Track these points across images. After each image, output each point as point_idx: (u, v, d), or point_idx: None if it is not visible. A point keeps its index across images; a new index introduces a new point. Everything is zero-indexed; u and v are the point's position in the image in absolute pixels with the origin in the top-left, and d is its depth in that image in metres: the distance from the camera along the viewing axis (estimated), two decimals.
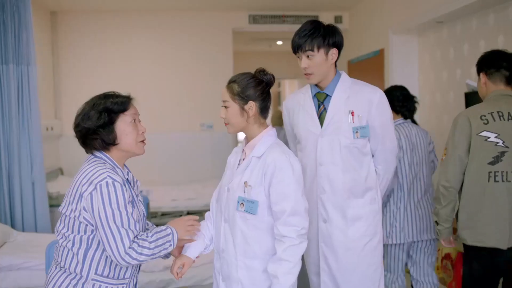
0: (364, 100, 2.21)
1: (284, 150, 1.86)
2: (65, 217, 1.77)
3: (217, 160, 6.34)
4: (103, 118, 1.76)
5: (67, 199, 1.77)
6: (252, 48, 8.45)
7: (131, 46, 6.18)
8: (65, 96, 6.08)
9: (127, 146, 1.81)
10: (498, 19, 3.45)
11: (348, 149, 2.19)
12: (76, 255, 1.74)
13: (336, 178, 2.20)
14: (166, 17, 6.22)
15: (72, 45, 6.07)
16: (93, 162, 1.77)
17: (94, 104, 1.79)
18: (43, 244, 3.32)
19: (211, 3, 5.88)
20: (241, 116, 1.87)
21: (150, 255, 1.73)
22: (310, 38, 2.14)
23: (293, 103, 2.37)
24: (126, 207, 1.70)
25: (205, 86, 6.31)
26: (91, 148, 1.81)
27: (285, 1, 5.79)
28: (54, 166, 5.73)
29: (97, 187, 1.68)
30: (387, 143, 2.27)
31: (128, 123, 1.81)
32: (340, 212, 2.21)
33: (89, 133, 1.77)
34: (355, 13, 6.08)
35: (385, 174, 2.32)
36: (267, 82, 1.89)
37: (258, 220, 1.84)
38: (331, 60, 2.19)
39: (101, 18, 6.10)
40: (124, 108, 1.80)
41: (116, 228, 1.67)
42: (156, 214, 5.19)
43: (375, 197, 2.26)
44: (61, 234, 1.78)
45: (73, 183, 1.76)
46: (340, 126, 2.19)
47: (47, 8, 5.84)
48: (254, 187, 1.83)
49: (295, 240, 1.78)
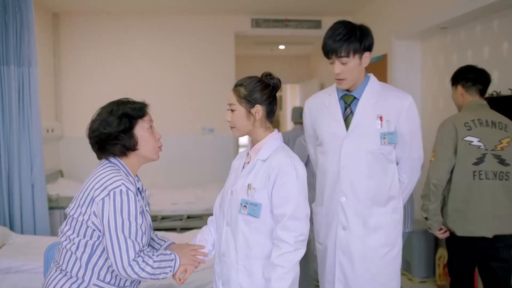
0: (394, 105, 2.13)
1: (289, 154, 1.84)
2: (72, 219, 1.74)
3: (217, 164, 6.32)
4: (123, 124, 1.76)
5: (76, 202, 1.75)
6: (254, 52, 8.45)
7: (132, 49, 6.17)
8: (66, 98, 6.06)
9: (146, 152, 1.81)
10: (502, 25, 3.43)
11: (374, 155, 2.11)
12: (79, 259, 1.72)
13: (359, 184, 2.12)
14: (168, 20, 6.21)
15: (73, 47, 6.05)
16: (108, 168, 1.76)
17: (112, 110, 1.78)
18: (42, 247, 3.30)
19: (214, 6, 5.87)
20: (248, 119, 1.86)
21: (151, 274, 1.71)
22: (346, 43, 2.04)
23: (317, 103, 2.30)
24: (136, 218, 1.69)
25: (207, 89, 6.30)
26: (108, 154, 1.79)
27: (288, 5, 5.78)
28: (54, 168, 5.70)
29: (111, 194, 1.66)
30: (414, 151, 2.20)
31: (145, 129, 1.81)
32: (361, 220, 2.13)
33: (110, 138, 1.75)
34: (358, 18, 6.07)
35: (409, 183, 2.25)
36: (273, 86, 1.88)
37: (261, 224, 1.81)
38: (364, 64, 2.12)
39: (103, 20, 6.09)
40: (142, 114, 1.81)
41: (124, 238, 1.65)
42: (156, 218, 5.16)
43: (398, 207, 2.19)
44: (66, 236, 1.75)
45: (85, 186, 1.74)
46: (367, 130, 2.12)
47: (49, 9, 5.83)
48: (258, 189, 1.81)
49: (291, 247, 1.75)
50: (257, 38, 6.95)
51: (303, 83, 9.26)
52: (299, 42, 7.44)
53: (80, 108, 6.06)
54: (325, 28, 6.16)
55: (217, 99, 6.32)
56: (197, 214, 5.28)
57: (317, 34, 6.39)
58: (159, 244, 2.02)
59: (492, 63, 3.52)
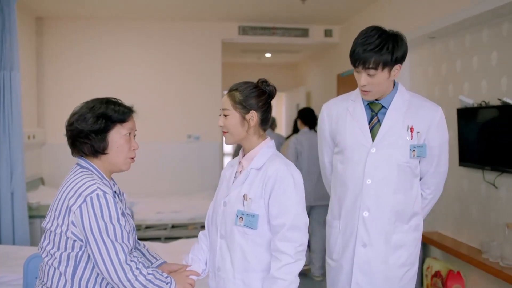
0: (425, 116, 2.01)
1: (285, 161, 1.79)
2: (50, 232, 1.65)
3: (203, 173, 6.23)
4: (99, 124, 1.66)
5: (51, 213, 1.65)
6: (241, 60, 8.41)
7: (118, 55, 6.08)
8: (49, 104, 5.93)
9: (115, 159, 1.72)
10: (491, 35, 3.44)
11: (401, 168, 1.99)
12: (63, 274, 1.62)
13: (385, 199, 1.99)
14: (155, 27, 6.13)
15: (57, 52, 5.94)
16: (80, 173, 1.66)
17: (93, 106, 1.69)
18: (22, 258, 3.17)
19: (201, 13, 5.82)
20: (242, 125, 1.79)
21: (144, 286, 1.59)
22: (377, 55, 1.89)
23: (338, 108, 2.15)
24: (119, 219, 1.61)
25: (193, 97, 6.23)
26: (79, 151, 1.71)
27: (276, 13, 5.76)
28: (35, 175, 5.56)
29: (87, 200, 1.57)
30: (442, 166, 2.09)
31: (122, 135, 1.71)
32: (383, 237, 1.99)
33: (81, 135, 1.67)
34: (345, 27, 6.07)
35: (432, 199, 2.14)
36: (269, 93, 1.83)
37: (258, 235, 1.75)
38: (393, 77, 1.98)
39: (88, 25, 5.99)
40: (123, 118, 1.71)
41: (111, 242, 1.57)
42: (140, 227, 5.04)
43: (419, 224, 2.08)
44: (46, 252, 1.65)
45: (58, 196, 1.65)
46: (395, 141, 1.99)
47: (33, 13, 5.71)
48: (254, 200, 1.74)
49: (292, 258, 1.69)
50: (244, 46, 6.91)
51: (290, 92, 9.24)
52: (286, 50, 7.43)
53: (63, 114, 5.84)
54: (312, 37, 6.31)
55: (203, 107, 6.25)
56: (182, 223, 5.17)
57: (304, 42, 6.39)
58: (150, 261, 1.93)
59: (481, 72, 3.53)
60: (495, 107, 3.26)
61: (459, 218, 3.77)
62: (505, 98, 3.17)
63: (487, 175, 3.37)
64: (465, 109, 3.54)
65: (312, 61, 7.98)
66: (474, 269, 3.51)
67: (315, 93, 7.66)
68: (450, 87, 3.90)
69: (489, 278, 3.37)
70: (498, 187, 3.30)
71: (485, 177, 3.38)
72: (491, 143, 3.27)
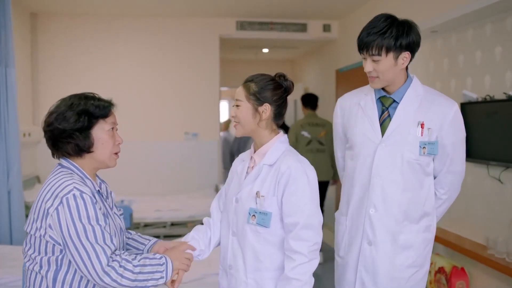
0: (438, 112, 1.93)
1: (299, 158, 1.74)
2: (30, 236, 1.58)
3: (202, 170, 6.18)
4: (81, 122, 1.58)
5: (31, 217, 1.58)
6: (238, 56, 8.34)
7: (115, 51, 6.00)
8: (44, 101, 5.83)
9: (100, 156, 1.64)
10: (495, 30, 3.40)
11: (410, 165, 1.92)
12: (45, 278, 1.55)
13: (392, 196, 1.93)
14: (151, 23, 6.06)
15: (52, 48, 5.85)
16: (59, 174, 1.59)
17: (72, 104, 1.60)
18: (20, 258, 3.10)
19: (198, 9, 5.75)
20: (253, 117, 1.76)
21: (134, 281, 1.53)
22: (380, 39, 1.85)
23: (350, 103, 2.11)
24: (98, 220, 1.52)
25: (191, 93, 6.16)
26: (62, 152, 1.62)
27: (274, 8, 5.70)
28: (30, 174, 5.48)
29: (63, 201, 1.49)
30: (456, 165, 2.00)
31: (106, 131, 1.64)
32: (390, 236, 1.94)
33: (63, 135, 1.58)
34: (344, 22, 6.02)
35: (447, 200, 2.06)
36: (285, 88, 1.79)
37: (270, 234, 1.71)
38: (401, 65, 1.91)
39: (83, 21, 5.91)
40: (105, 113, 1.64)
41: (90, 245, 1.48)
42: (138, 225, 4.98)
43: (431, 224, 2.01)
44: (28, 256, 1.59)
45: (37, 198, 1.57)
46: (405, 137, 1.93)
47: (27, 9, 5.62)
48: (267, 197, 1.70)
49: (305, 257, 1.65)
50: (241, 42, 6.85)
51: None
52: (283, 46, 7.37)
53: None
54: (311, 32, 6.27)
55: (201, 104, 6.18)
56: (181, 221, 5.11)
57: (302, 37, 6.34)
58: (143, 243, 1.85)
59: (484, 67, 3.49)
60: (500, 101, 3.22)
61: (463, 214, 3.74)
62: (511, 92, 3.13)
63: (491, 170, 3.33)
64: (469, 104, 3.50)
65: (310, 56, 7.93)
66: (478, 265, 3.48)
67: (313, 89, 7.60)
68: (452, 82, 3.86)
69: (494, 274, 3.34)
70: (503, 182, 3.26)
71: (490, 172, 3.35)
72: (496, 137, 3.23)
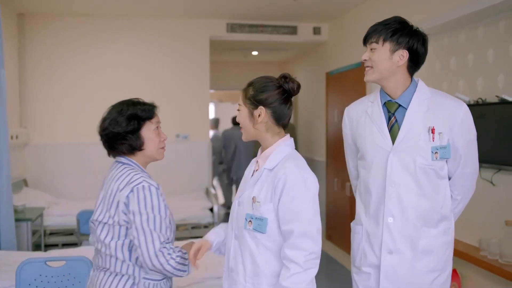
0: (447, 115, 1.91)
1: (298, 163, 1.70)
2: (104, 225, 1.80)
3: (193, 172, 6.14)
4: (132, 124, 1.84)
5: (103, 207, 1.81)
6: (227, 58, 8.31)
7: (104, 52, 5.93)
8: (32, 103, 5.75)
9: (149, 152, 1.89)
10: (488, 33, 3.43)
11: (424, 171, 1.90)
12: (125, 259, 1.79)
13: (409, 203, 1.91)
14: (141, 24, 6.01)
15: (40, 49, 5.76)
16: (124, 169, 1.84)
17: (121, 109, 1.86)
18: (11, 263, 3.04)
19: (189, 10, 5.72)
20: (250, 121, 1.75)
21: (174, 269, 1.77)
22: (380, 27, 1.91)
23: (357, 111, 2.08)
24: (160, 211, 1.76)
25: (181, 95, 6.13)
26: (117, 152, 1.88)
27: (264, 11, 5.70)
28: (18, 177, 5.37)
29: (134, 190, 1.75)
30: (470, 166, 1.98)
31: (152, 130, 1.89)
32: (410, 243, 1.92)
33: (118, 138, 1.84)
34: (335, 25, 6.04)
35: (462, 200, 2.04)
36: (286, 90, 1.74)
37: (269, 240, 1.68)
38: (397, 62, 1.90)
39: (73, 22, 5.83)
40: (150, 115, 1.89)
41: (149, 231, 1.73)
42: None
43: (450, 227, 1.99)
44: (102, 244, 1.80)
45: (108, 189, 1.81)
46: (416, 144, 1.90)
47: (14, 9, 5.53)
48: (263, 203, 1.67)
49: (300, 267, 1.60)
50: (231, 44, 6.83)
51: None
52: (273, 48, 7.38)
53: (47, 114, 5.78)
54: (301, 35, 6.27)
55: (191, 105, 6.15)
56: None
57: (292, 40, 6.34)
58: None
59: (477, 70, 3.52)
60: (493, 104, 3.26)
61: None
62: (503, 95, 3.17)
63: (484, 173, 3.36)
64: None
65: (300, 59, 7.94)
66: (471, 267, 3.51)
67: (302, 91, 7.61)
68: (444, 85, 3.90)
69: (487, 275, 3.37)
70: (495, 184, 3.30)
71: (482, 175, 3.37)
72: (489, 140, 3.26)
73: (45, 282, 2.57)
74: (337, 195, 5.96)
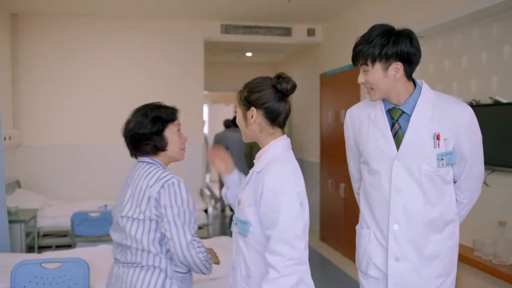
0: (452, 119, 1.85)
1: (280, 167, 1.65)
2: (133, 220, 1.87)
3: (186, 174, 6.11)
4: (156, 126, 1.95)
5: (131, 203, 1.88)
6: (221, 59, 8.32)
7: (98, 53, 5.91)
8: (25, 104, 5.72)
9: (172, 152, 2.01)
10: (481, 35, 3.46)
11: (430, 178, 1.85)
12: (157, 253, 1.87)
13: (414, 209, 1.87)
14: (137, 25, 6.00)
15: (33, 50, 5.73)
16: (151, 167, 1.94)
17: (146, 112, 1.98)
18: (4, 265, 3.03)
19: (183, 11, 5.72)
20: (244, 122, 1.75)
21: (201, 260, 1.87)
22: (366, 48, 1.81)
23: (360, 115, 2.02)
24: (189, 205, 1.87)
25: (175, 96, 6.07)
26: (141, 152, 1.99)
27: (258, 12, 5.71)
28: (10, 178, 5.34)
29: (165, 185, 1.85)
30: (476, 169, 1.93)
31: (174, 132, 2.01)
32: (416, 249, 1.88)
33: (143, 138, 1.95)
34: (329, 26, 6.06)
35: (468, 203, 2.00)
36: (280, 90, 1.71)
37: (257, 242, 1.67)
38: (393, 76, 1.83)
39: (66, 23, 5.81)
40: (173, 118, 2.02)
41: (180, 224, 1.84)
42: None
43: (454, 231, 1.95)
44: (133, 239, 1.87)
45: (136, 187, 1.89)
46: (421, 150, 1.85)
47: (7, 9, 5.49)
48: (246, 206, 1.67)
49: (277, 273, 1.57)
50: (225, 45, 6.83)
51: None
52: (267, 49, 7.39)
53: (40, 115, 5.74)
54: (295, 36, 6.29)
55: (185, 106, 6.07)
56: None
57: (287, 41, 6.36)
58: None
59: (470, 72, 3.55)
60: (486, 106, 3.28)
61: None
62: (497, 97, 3.19)
63: None
64: None
65: (294, 60, 7.96)
66: (465, 267, 3.53)
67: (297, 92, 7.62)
68: (438, 86, 3.92)
69: (481, 275, 3.39)
70: (489, 185, 3.32)
71: None
72: (483, 141, 3.28)
73: (40, 284, 2.56)
74: (331, 196, 5.98)
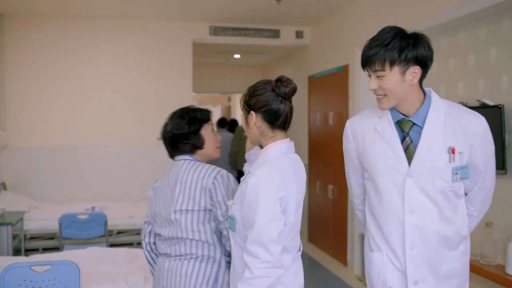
0: (466, 131, 1.73)
1: (268, 171, 1.66)
2: (187, 212, 1.94)
3: None
4: (194, 126, 2.08)
5: (183, 197, 1.96)
6: (209, 60, 8.31)
7: (85, 54, 5.87)
8: (11, 105, 5.65)
9: (207, 151, 2.12)
10: (468, 38, 3.52)
11: (443, 194, 1.74)
12: (214, 243, 1.95)
13: (428, 228, 1.75)
14: (125, 26, 5.97)
15: (20, 51, 5.67)
16: (195, 163, 2.04)
17: (182, 115, 2.11)
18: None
19: (172, 13, 5.71)
20: (246, 126, 1.81)
21: None
22: (382, 51, 1.66)
23: (361, 127, 1.88)
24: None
25: (164, 98, 6.09)
26: (180, 151, 2.09)
27: (247, 14, 5.72)
28: None
29: (218, 176, 1.96)
30: (488, 181, 1.83)
31: (209, 131, 2.13)
32: (432, 269, 1.77)
33: (182, 138, 2.07)
34: (317, 28, 6.10)
35: (478, 215, 1.91)
36: (278, 93, 1.73)
37: (240, 239, 1.73)
38: (410, 81, 1.69)
39: (53, 23, 5.76)
40: (208, 118, 2.14)
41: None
42: (111, 232, 4.87)
43: (467, 246, 1.85)
44: (190, 231, 1.93)
45: (186, 181, 1.97)
46: (435, 165, 1.72)
47: None
48: (235, 203, 1.74)
49: (251, 274, 1.60)
50: (213, 47, 6.83)
51: None
52: (256, 51, 7.41)
53: (26, 117, 5.68)
54: (284, 38, 6.31)
55: (174, 108, 6.07)
56: None
57: (275, 43, 6.39)
58: None
59: (458, 74, 3.61)
60: (474, 108, 3.32)
61: None
62: (484, 99, 3.24)
63: None
64: None
65: (283, 62, 7.99)
66: None
67: None
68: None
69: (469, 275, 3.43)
70: None
71: None
72: None
73: (30, 287, 2.53)
74: (319, 198, 6.01)
